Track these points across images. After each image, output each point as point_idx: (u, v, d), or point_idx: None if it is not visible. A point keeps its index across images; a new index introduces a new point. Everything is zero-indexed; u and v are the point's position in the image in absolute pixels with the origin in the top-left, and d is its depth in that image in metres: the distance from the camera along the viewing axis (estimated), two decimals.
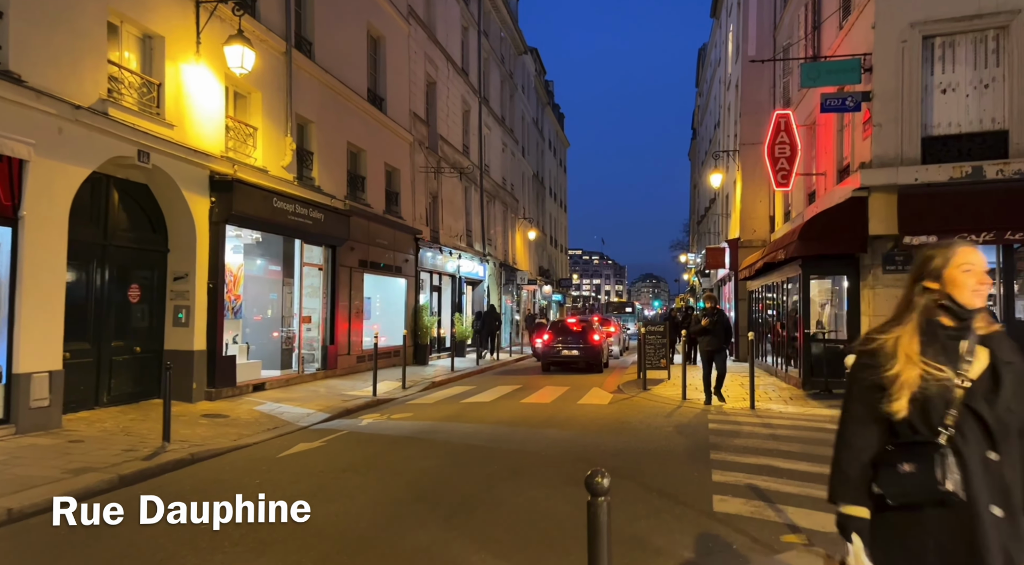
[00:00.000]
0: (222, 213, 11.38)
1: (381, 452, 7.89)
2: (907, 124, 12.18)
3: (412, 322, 20.68)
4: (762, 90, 23.55)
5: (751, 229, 23.90)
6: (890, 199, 12.11)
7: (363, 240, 17.40)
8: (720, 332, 12.26)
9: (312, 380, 14.65)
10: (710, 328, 12.19)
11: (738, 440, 8.56)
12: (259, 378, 12.85)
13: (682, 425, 9.79)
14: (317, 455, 7.79)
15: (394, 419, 10.61)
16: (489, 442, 8.46)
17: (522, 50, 39.28)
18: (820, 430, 9.30)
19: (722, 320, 12.41)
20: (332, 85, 16.00)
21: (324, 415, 10.78)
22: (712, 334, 12.20)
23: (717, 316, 12.34)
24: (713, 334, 12.20)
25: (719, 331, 12.25)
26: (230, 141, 12.35)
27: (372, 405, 12.25)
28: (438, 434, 9.08)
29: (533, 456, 7.63)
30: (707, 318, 12.31)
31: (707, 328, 12.22)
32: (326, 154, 15.73)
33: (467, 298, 27.55)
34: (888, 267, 12.37)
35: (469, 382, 16.63)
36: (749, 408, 11.46)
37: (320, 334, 15.33)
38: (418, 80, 22.09)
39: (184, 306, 11.02)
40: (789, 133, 15.89)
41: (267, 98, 13.24)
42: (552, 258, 52.80)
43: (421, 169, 22.00)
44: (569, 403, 12.44)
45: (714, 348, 12.20)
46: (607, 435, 8.96)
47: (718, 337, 12.25)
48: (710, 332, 12.21)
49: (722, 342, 12.29)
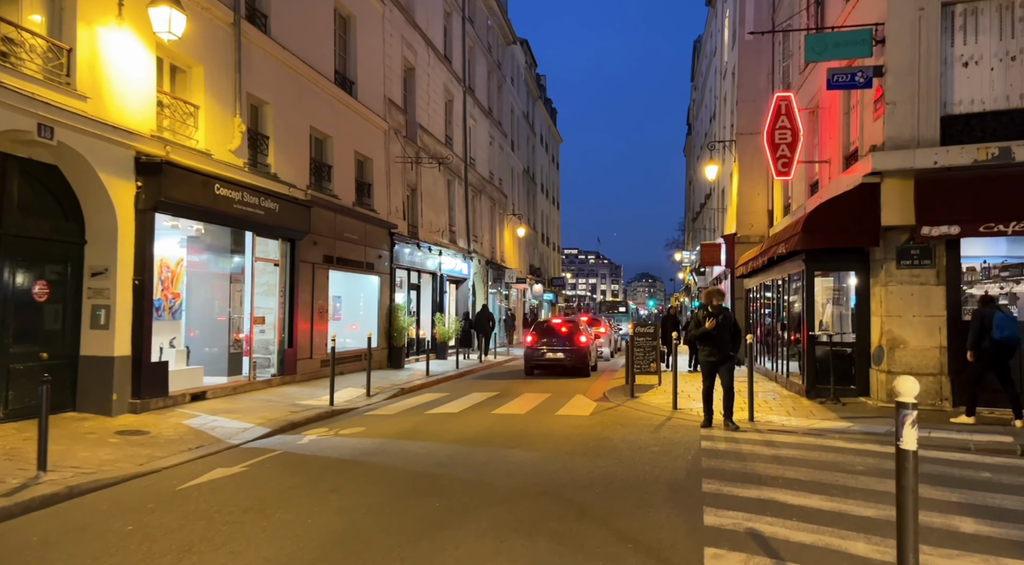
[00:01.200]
0: (149, 200, 10.00)
1: (304, 483, 6.54)
2: (924, 102, 10.88)
3: (386, 323, 19.31)
4: (760, 76, 22.26)
5: (748, 224, 22.60)
6: (905, 185, 10.80)
7: (328, 234, 16.03)
8: (726, 337, 9.57)
9: (266, 387, 13.29)
10: (713, 332, 9.47)
11: (735, 463, 7.24)
12: (200, 386, 11.48)
13: (670, 443, 8.45)
14: (227, 486, 6.44)
15: (342, 435, 9.27)
16: (439, 467, 7.12)
17: (511, 40, 37.91)
18: (830, 450, 7.97)
19: (729, 321, 9.65)
20: (293, 64, 14.63)
21: (263, 430, 9.43)
22: (716, 340, 9.53)
23: (723, 316, 9.57)
24: (717, 339, 9.53)
25: (725, 335, 9.55)
26: (165, 120, 10.98)
27: (325, 417, 10.90)
28: (383, 456, 7.73)
29: (486, 488, 6.29)
30: (711, 319, 9.50)
31: (709, 332, 9.49)
32: (285, 139, 14.36)
33: (449, 297, 26.19)
34: (903, 262, 11.07)
35: (443, 388, 15.29)
36: (748, 420, 10.14)
37: (277, 336, 13.95)
38: (394, 65, 20.72)
39: (103, 305, 9.64)
40: (790, 117, 14.58)
41: (211, 74, 11.86)
42: (544, 256, 51.47)
43: (398, 159, 20.63)
44: (546, 414, 11.10)
45: (719, 358, 9.58)
46: (581, 458, 7.62)
47: (724, 343, 9.57)
48: (713, 337, 9.52)
49: (729, 349, 9.62)
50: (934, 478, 6.57)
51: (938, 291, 10.91)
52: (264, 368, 13.80)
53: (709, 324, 9.49)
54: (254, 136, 13.50)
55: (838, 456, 7.65)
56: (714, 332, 9.50)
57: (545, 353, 18.16)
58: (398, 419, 10.65)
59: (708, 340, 9.61)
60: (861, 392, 11.84)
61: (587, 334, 19.18)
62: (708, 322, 9.52)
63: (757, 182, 22.20)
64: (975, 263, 11.05)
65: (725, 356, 9.62)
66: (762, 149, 20.06)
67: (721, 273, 27.18)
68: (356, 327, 18.97)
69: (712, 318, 9.52)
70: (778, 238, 14.37)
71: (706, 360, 9.78)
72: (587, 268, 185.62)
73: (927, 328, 10.92)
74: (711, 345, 9.62)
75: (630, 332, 14.81)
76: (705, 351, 9.72)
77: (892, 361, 11.10)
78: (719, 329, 9.52)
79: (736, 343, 9.78)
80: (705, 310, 9.71)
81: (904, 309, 11.03)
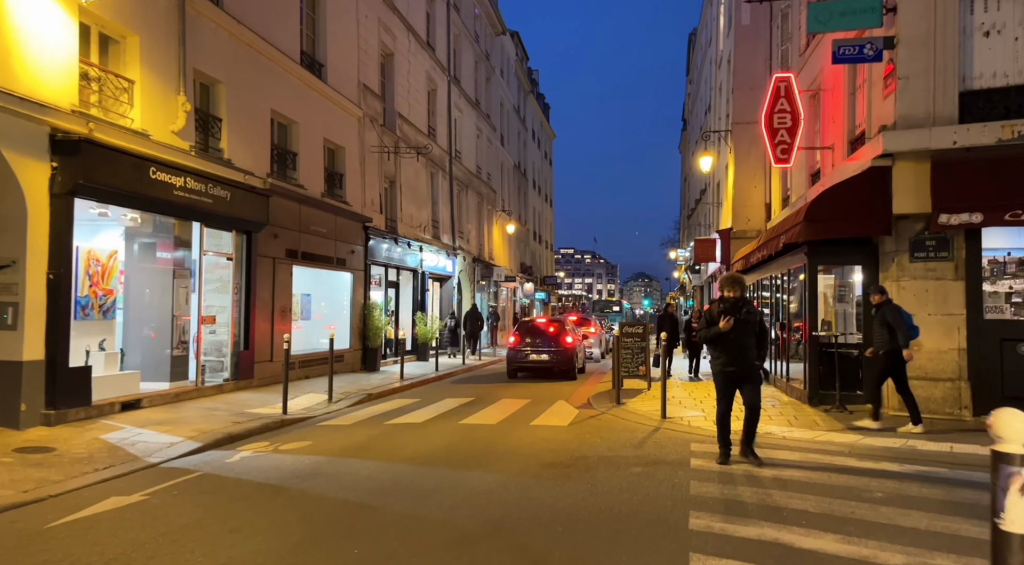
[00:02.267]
0: (67, 182, 8.81)
1: (205, 518, 5.37)
2: (940, 76, 9.75)
3: (360, 322, 18.14)
4: (757, 63, 21.13)
5: (745, 218, 21.48)
6: (920, 168, 9.67)
7: (292, 226, 14.85)
8: (748, 341, 7.05)
9: (216, 394, 12.10)
10: (730, 334, 6.95)
11: (730, 489, 6.09)
12: (133, 394, 10.29)
13: (655, 461, 7.30)
14: (107, 524, 5.26)
15: (281, 451, 8.10)
16: (377, 497, 5.95)
17: (500, 31, 36.72)
18: (841, 470, 6.83)
19: (752, 319, 7.10)
20: (250, 41, 13.44)
21: (193, 445, 8.25)
22: (734, 344, 7.02)
23: (744, 312, 7.05)
24: (735, 344, 7.01)
25: (746, 339, 7.04)
26: (92, 95, 9.80)
27: (272, 428, 9.73)
28: (317, 480, 6.56)
29: (425, 527, 5.13)
30: (726, 316, 6.97)
31: (723, 333, 6.96)
32: (241, 122, 13.17)
33: (432, 296, 25.01)
34: (917, 254, 9.95)
35: (416, 393, 14.12)
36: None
37: (230, 337, 12.76)
38: (371, 49, 19.53)
39: (10, 303, 8.45)
40: (790, 100, 13.46)
41: (149, 45, 10.66)
42: (536, 254, 50.29)
43: (374, 149, 19.45)
44: (520, 424, 9.94)
45: (739, 369, 7.03)
46: (548, 482, 6.47)
47: (745, 350, 7.02)
48: (729, 341, 7.00)
49: (753, 358, 7.10)
50: (970, 508, 5.44)
51: (956, 287, 9.79)
52: (216, 372, 12.60)
53: (724, 323, 6.90)
54: (204, 118, 12.31)
55: (851, 479, 6.51)
56: (731, 334, 6.94)
57: (529, 355, 17.02)
58: (353, 431, 9.49)
59: (723, 345, 7.02)
60: (870, 399, 10.69)
61: (574, 334, 18.04)
62: (723, 321, 6.92)
63: (754, 174, 21.09)
64: (999, 256, 9.92)
65: (748, 367, 7.02)
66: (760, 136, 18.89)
67: (716, 270, 26.07)
68: (334, 327, 17.80)
69: (728, 315, 6.95)
70: (777, 230, 13.24)
71: (721, 371, 7.11)
72: (583, 268, 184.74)
73: (944, 328, 9.79)
74: (727, 352, 7.01)
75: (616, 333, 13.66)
76: (720, 360, 7.07)
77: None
78: (738, 330, 6.95)
79: (763, 349, 7.35)
80: (719, 304, 7.18)
81: (918, 307, 9.89)
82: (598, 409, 11.50)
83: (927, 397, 9.79)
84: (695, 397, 12.66)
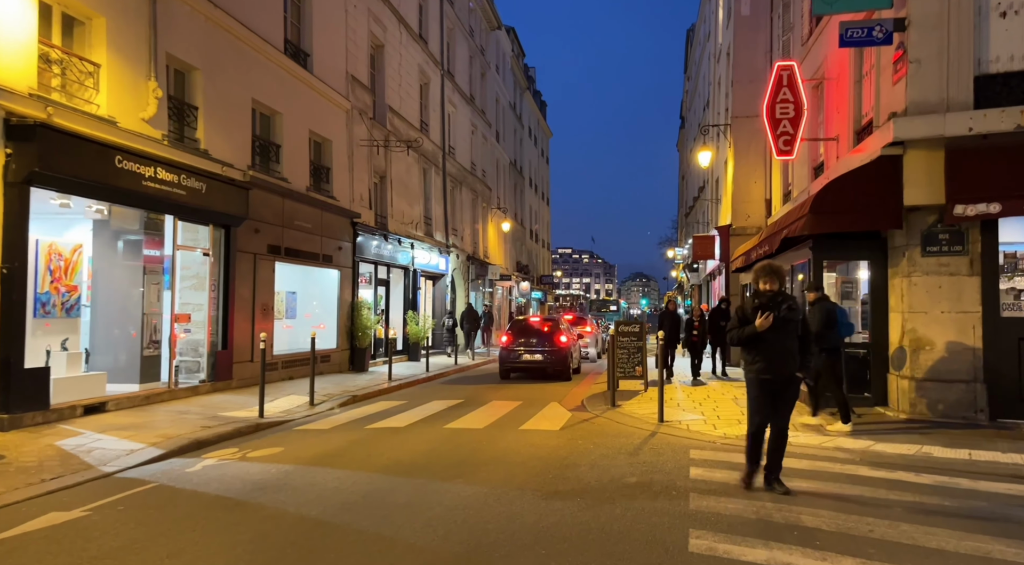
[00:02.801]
0: (22, 170, 8.22)
1: (145, 540, 4.79)
2: (954, 59, 9.20)
3: (348, 321, 17.55)
4: (757, 55, 20.57)
5: (744, 214, 20.91)
6: (933, 157, 9.12)
7: (274, 221, 14.26)
8: (789, 343, 5.80)
9: (191, 396, 11.51)
10: (767, 334, 5.70)
11: (734, 503, 5.52)
12: (99, 396, 9.70)
13: (652, 471, 6.73)
14: (35, 546, 4.69)
15: (249, 458, 7.52)
16: (341, 513, 5.38)
17: (495, 25, 36.15)
18: (854, 480, 6.26)
19: (794, 317, 5.83)
20: (229, 27, 12.85)
21: (155, 451, 7.67)
22: (772, 346, 5.74)
23: (785, 309, 5.76)
24: (775, 346, 5.74)
25: (787, 341, 5.78)
26: (54, 78, 9.21)
27: (245, 433, 9.15)
28: (280, 493, 5.98)
29: (389, 551, 4.56)
30: (764, 312, 5.72)
31: (759, 333, 5.72)
32: (219, 111, 12.58)
33: (424, 294, 24.43)
34: (929, 248, 9.38)
35: (403, 395, 13.55)
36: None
37: (207, 336, 12.17)
38: (359, 39, 18.95)
39: None
40: (793, 89, 12.88)
41: (117, 27, 10.07)
42: (532, 253, 49.73)
43: (363, 142, 18.87)
44: (508, 429, 9.37)
45: (777, 377, 5.77)
46: (533, 495, 5.89)
47: (785, 354, 5.77)
48: (767, 342, 5.74)
49: (795, 364, 5.82)
50: (1000, 525, 4.88)
51: (971, 283, 9.23)
52: (192, 373, 12.02)
53: (761, 321, 5.66)
54: (179, 106, 11.72)
55: (866, 490, 5.95)
56: (769, 335, 5.70)
57: (522, 355, 16.45)
58: (330, 436, 8.91)
59: (759, 347, 5.79)
60: (878, 401, 10.16)
61: (569, 334, 17.48)
62: (760, 318, 5.69)
63: (754, 169, 20.52)
64: (1016, 250, 9.35)
65: (787, 376, 5.77)
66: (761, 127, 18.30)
67: (715, 268, 25.52)
68: (324, 327, 17.26)
69: (766, 311, 5.71)
70: (780, 225, 12.67)
71: (756, 378, 5.86)
72: (581, 267, 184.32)
73: (958, 326, 9.23)
74: (764, 356, 5.77)
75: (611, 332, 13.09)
76: (755, 365, 5.83)
77: (916, 365, 9.43)
78: (777, 330, 5.69)
79: (807, 355, 5.94)
80: (754, 298, 5.96)
81: (931, 304, 9.34)
82: (592, 412, 10.93)
83: (940, 400, 9.24)
84: (694, 399, 12.10)
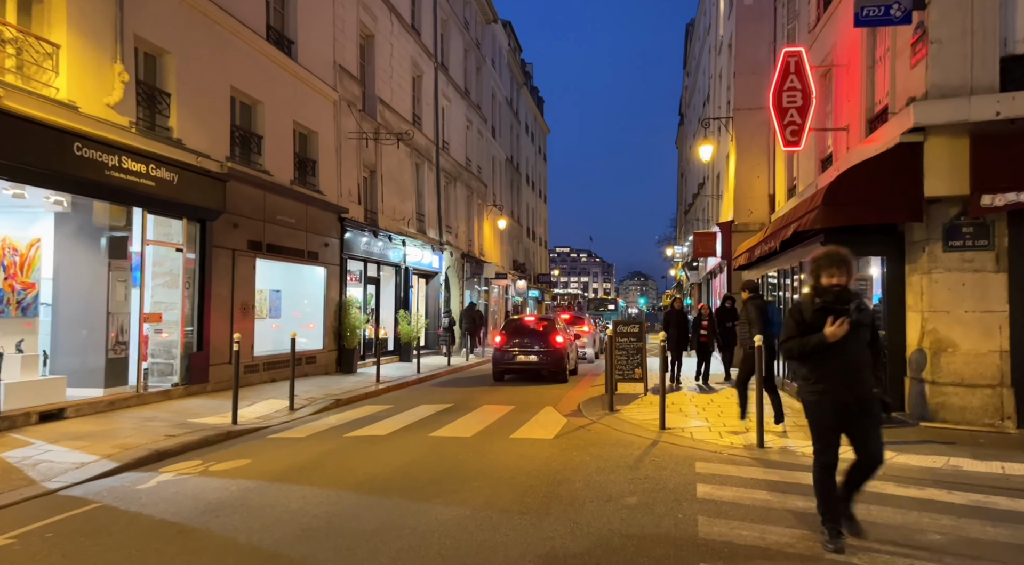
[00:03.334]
0: None
1: None
2: (979, 39, 8.53)
3: (335, 321, 16.86)
4: (760, 46, 19.91)
5: (747, 210, 20.26)
6: (957, 144, 8.45)
7: (255, 215, 13.56)
8: (862, 356, 4.45)
9: (162, 400, 10.82)
10: (843, 344, 4.31)
11: (749, 529, 4.85)
12: (57, 402, 9.00)
13: (654, 488, 6.06)
14: None
15: (211, 472, 6.84)
16: (301, 541, 4.70)
17: (491, 19, 35.44)
18: (881, 500, 5.57)
19: (866, 320, 4.46)
20: (205, 9, 12.15)
21: (109, 465, 6.98)
22: (838, 359, 4.36)
23: (855, 309, 4.34)
24: (841, 359, 4.36)
25: (860, 352, 4.44)
26: (7, 59, 8.51)
27: (214, 441, 8.46)
28: (234, 516, 5.29)
29: None
30: (840, 318, 4.26)
31: (828, 342, 4.29)
32: (194, 99, 11.88)
33: (417, 292, 23.73)
34: (952, 243, 8.71)
35: (390, 399, 12.87)
36: (756, 445, 7.79)
37: (181, 337, 11.47)
38: (348, 29, 18.24)
39: None
40: (801, 76, 12.22)
41: (78, 6, 9.37)
42: (529, 251, 49.04)
43: (352, 135, 18.17)
44: (498, 437, 8.70)
45: (852, 396, 4.38)
46: (522, 519, 5.21)
47: (859, 367, 4.41)
48: (832, 354, 4.35)
49: (871, 380, 4.47)
50: None
51: (997, 280, 8.56)
52: (165, 376, 11.33)
53: (836, 328, 4.23)
54: (149, 92, 11.02)
55: (896, 514, 5.27)
56: (838, 344, 4.29)
57: (516, 356, 15.77)
58: (304, 445, 8.22)
59: (824, 361, 4.37)
60: (895, 407, 9.49)
61: (565, 334, 16.80)
62: (834, 324, 4.25)
63: (757, 163, 19.87)
64: None
65: (864, 395, 4.39)
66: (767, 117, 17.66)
67: (716, 266, 24.87)
68: (313, 326, 16.59)
69: (836, 314, 4.27)
70: (788, 219, 11.99)
71: (819, 401, 4.43)
72: (579, 266, 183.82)
73: (983, 327, 8.57)
74: (832, 372, 4.37)
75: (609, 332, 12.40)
76: (818, 385, 4.41)
77: (937, 369, 8.76)
78: (848, 338, 4.28)
79: (880, 366, 4.75)
80: (814, 297, 4.45)
81: (953, 303, 8.68)
82: (589, 417, 10.26)
83: (963, 406, 8.58)
84: (697, 404, 11.43)
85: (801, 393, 4.60)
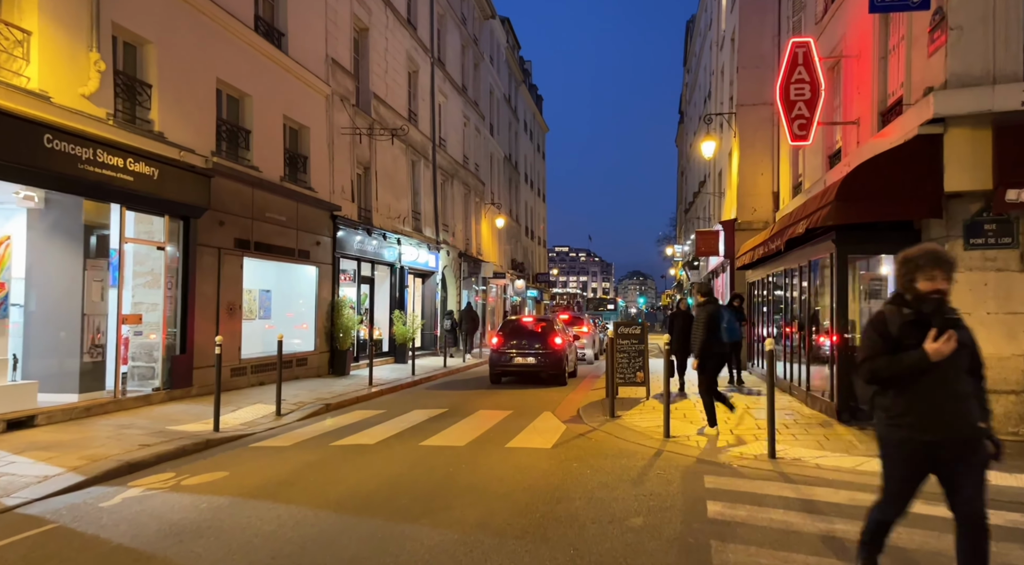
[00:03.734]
0: None
1: None
2: (1002, 25, 8.06)
3: (327, 321, 16.39)
4: (763, 40, 19.43)
5: (750, 208, 19.77)
6: (979, 136, 7.98)
7: (243, 212, 13.08)
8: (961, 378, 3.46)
9: (142, 406, 10.34)
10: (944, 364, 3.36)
11: (767, 557, 4.37)
12: (26, 409, 8.51)
13: (662, 506, 5.58)
14: None
15: (183, 486, 6.35)
16: None
17: (489, 14, 34.95)
18: (911, 521, 5.07)
19: (968, 337, 3.51)
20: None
21: (74, 478, 6.50)
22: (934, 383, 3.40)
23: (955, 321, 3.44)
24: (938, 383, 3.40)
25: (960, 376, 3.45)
26: None
27: (194, 450, 7.98)
28: (198, 540, 4.82)
29: None
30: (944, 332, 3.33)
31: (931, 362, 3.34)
32: (177, 91, 11.39)
33: (412, 292, 23.25)
34: (973, 240, 8.24)
35: (383, 403, 12.40)
36: (767, 455, 7.32)
37: (163, 339, 10.99)
38: (341, 21, 17.76)
39: None
40: (809, 68, 11.73)
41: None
42: (528, 251, 48.57)
43: (345, 130, 17.68)
44: (493, 445, 8.22)
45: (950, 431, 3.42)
46: (517, 544, 4.74)
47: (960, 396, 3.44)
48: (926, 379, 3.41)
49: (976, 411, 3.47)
50: None
51: (1021, 279, 8.10)
52: (146, 380, 10.85)
53: (941, 344, 3.33)
54: (128, 82, 10.54)
55: (928, 537, 4.80)
56: (943, 367, 3.38)
57: (514, 357, 15.31)
58: (287, 455, 7.74)
59: (916, 387, 3.46)
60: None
61: (564, 335, 16.33)
62: (938, 340, 3.34)
63: (760, 159, 19.38)
64: None
65: (967, 429, 3.45)
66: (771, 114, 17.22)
67: (718, 265, 24.40)
68: (306, 326, 16.12)
69: (943, 327, 3.37)
70: (796, 216, 11.52)
71: (906, 439, 3.49)
72: (578, 266, 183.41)
73: (1006, 329, 8.10)
74: (923, 402, 3.45)
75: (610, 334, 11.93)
76: (907, 417, 3.48)
77: None
78: (950, 358, 3.37)
79: (984, 394, 3.56)
80: (901, 306, 3.56)
81: (974, 304, 8.20)
82: (589, 424, 9.79)
83: None
84: (701, 409, 10.94)
85: (880, 428, 3.62)
